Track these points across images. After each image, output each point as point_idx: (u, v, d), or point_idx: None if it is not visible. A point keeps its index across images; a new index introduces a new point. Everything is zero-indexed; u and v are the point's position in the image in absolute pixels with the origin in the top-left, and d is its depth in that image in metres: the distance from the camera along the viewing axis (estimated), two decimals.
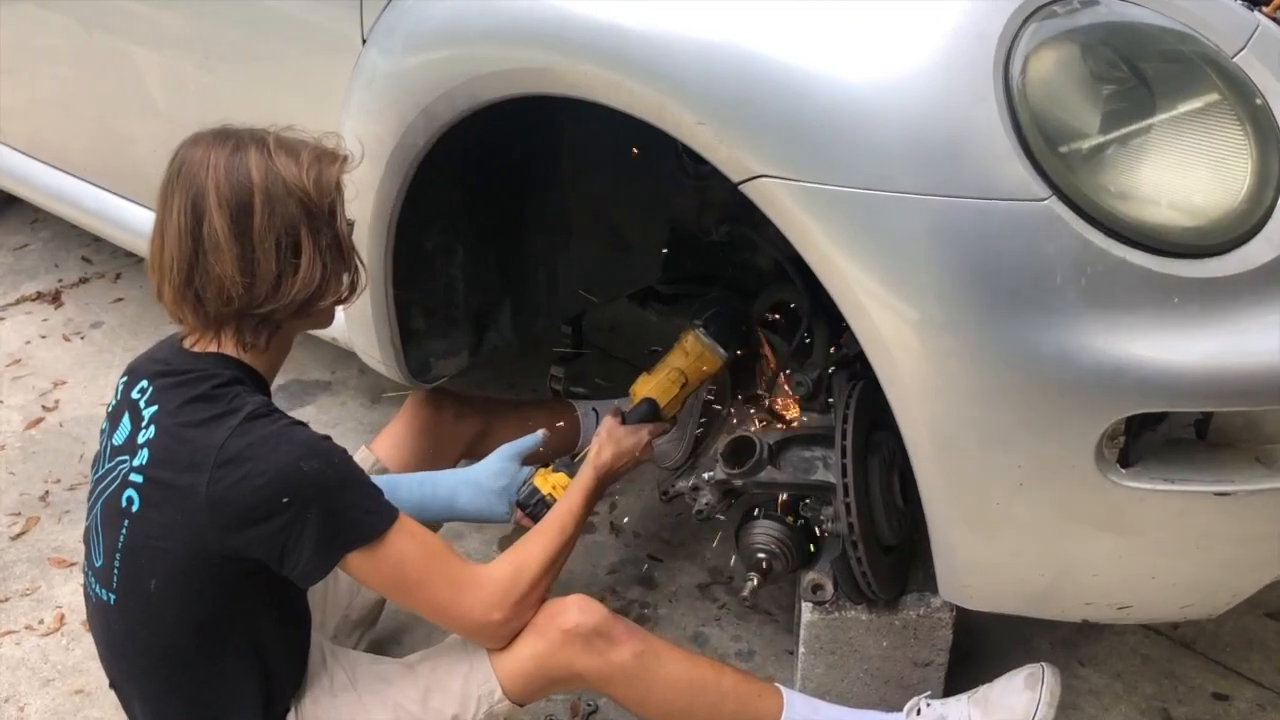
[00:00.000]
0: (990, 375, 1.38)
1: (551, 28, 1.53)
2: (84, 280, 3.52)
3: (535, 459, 2.08)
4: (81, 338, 3.23)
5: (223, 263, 1.51)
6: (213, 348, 1.59)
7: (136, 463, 1.56)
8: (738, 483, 1.90)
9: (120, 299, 3.42)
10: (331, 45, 1.91)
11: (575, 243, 2.17)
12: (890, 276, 1.38)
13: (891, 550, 1.90)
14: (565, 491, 1.89)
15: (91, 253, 3.62)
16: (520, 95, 1.63)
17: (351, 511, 1.54)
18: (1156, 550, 1.46)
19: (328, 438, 1.57)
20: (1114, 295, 1.34)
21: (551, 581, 1.75)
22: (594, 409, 2.45)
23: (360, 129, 1.85)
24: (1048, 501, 1.44)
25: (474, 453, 2.26)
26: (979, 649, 2.10)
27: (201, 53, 2.25)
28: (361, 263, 1.64)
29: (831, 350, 1.97)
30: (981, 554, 1.51)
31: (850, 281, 1.41)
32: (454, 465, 2.24)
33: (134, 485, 1.55)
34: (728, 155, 1.43)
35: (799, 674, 2.00)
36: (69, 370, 3.08)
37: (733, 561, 2.34)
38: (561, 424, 2.39)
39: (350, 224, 1.62)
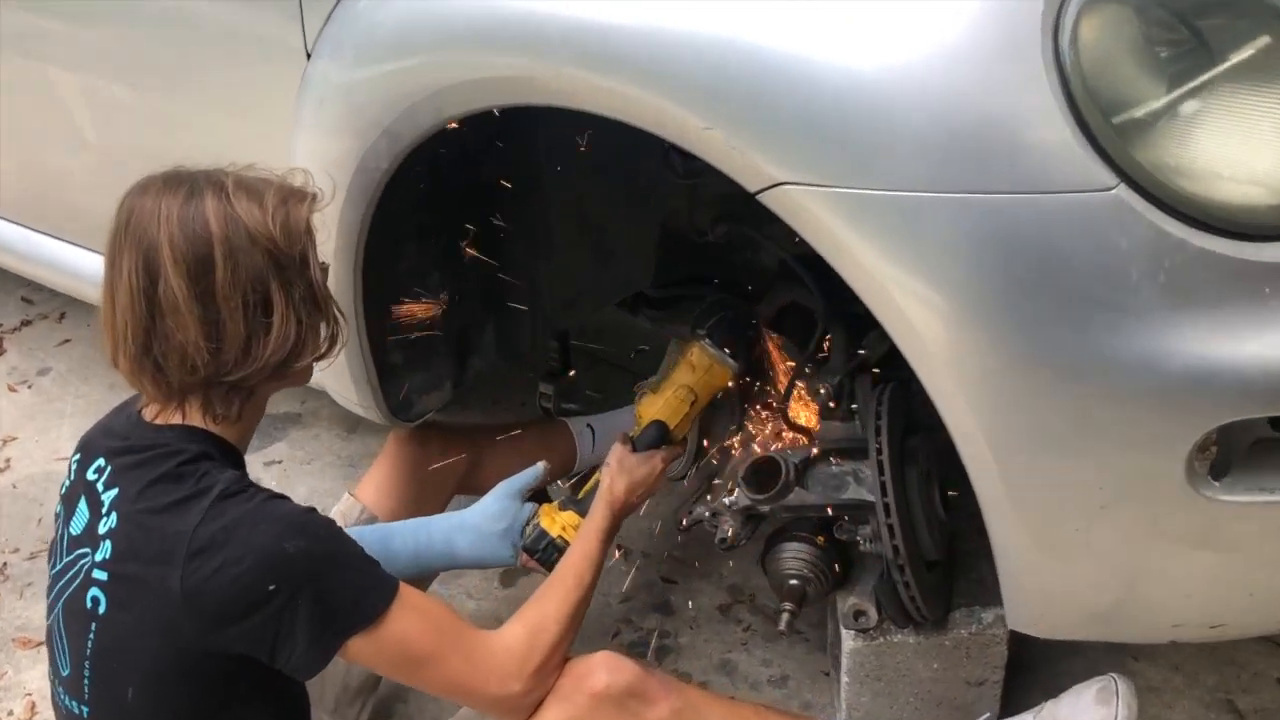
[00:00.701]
0: (1063, 389, 1.22)
1: (529, 29, 1.34)
2: (26, 323, 3.29)
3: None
4: (29, 386, 3.01)
5: (184, 327, 1.33)
6: (176, 419, 1.41)
7: (99, 557, 1.38)
8: (764, 509, 1.74)
9: (67, 340, 3.20)
10: (275, 58, 1.71)
11: (559, 252, 1.99)
12: (940, 287, 1.22)
13: (935, 565, 1.75)
14: (578, 533, 1.72)
15: (31, 292, 3.38)
16: (494, 107, 1.45)
17: (346, 591, 1.38)
18: (1255, 566, 1.30)
19: (312, 510, 1.40)
20: (1197, 290, 1.17)
21: (573, 639, 1.59)
22: (589, 425, 2.28)
23: (315, 153, 1.66)
24: (1133, 522, 1.28)
25: (466, 487, 2.10)
26: (1029, 655, 1.96)
27: (131, 73, 2.03)
28: (340, 313, 1.46)
29: (852, 352, 1.81)
30: (1057, 581, 1.36)
31: (894, 294, 1.24)
32: (445, 503, 2.08)
33: (98, 584, 1.38)
34: (742, 163, 1.26)
35: (843, 704, 1.85)
36: (18, 424, 2.86)
37: (737, 569, 2.20)
38: (556, 446, 2.23)
39: (324, 269, 1.44)
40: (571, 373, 2.44)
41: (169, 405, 1.42)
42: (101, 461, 1.45)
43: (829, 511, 1.73)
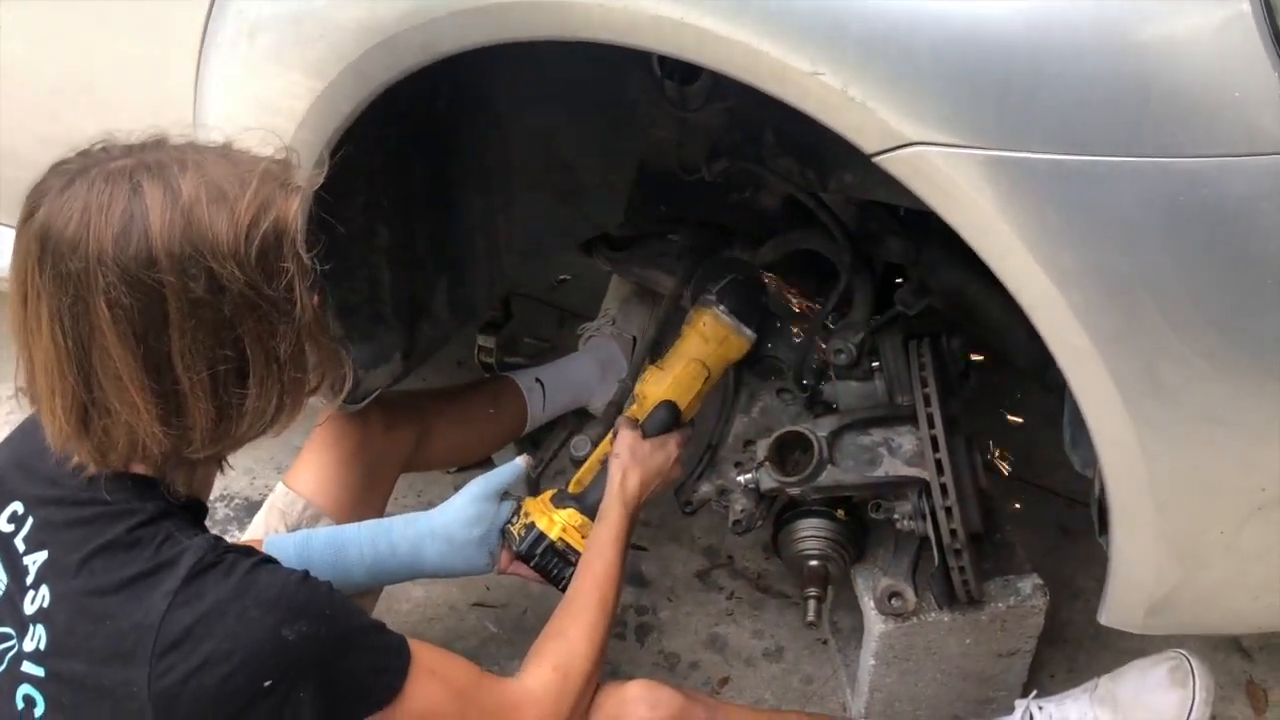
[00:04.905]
0: (1234, 383, 1.04)
1: None
2: None
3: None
4: None
5: (129, 404, 1.01)
6: (121, 469, 1.09)
7: (29, 646, 1.08)
8: (795, 491, 1.53)
9: None
10: None
11: (519, 196, 1.69)
12: (1113, 270, 1.01)
13: (974, 537, 1.58)
14: (591, 542, 1.48)
15: None
16: (504, 41, 1.14)
17: (356, 675, 1.13)
18: None
19: (307, 576, 1.11)
20: None
21: (601, 667, 1.36)
22: (538, 380, 2.03)
23: (241, 92, 1.32)
24: None
25: (414, 464, 1.84)
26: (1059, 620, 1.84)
27: None
28: (345, 346, 1.13)
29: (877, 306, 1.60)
30: (1184, 588, 1.20)
31: (1052, 277, 1.02)
32: (393, 485, 1.80)
33: (32, 680, 1.08)
34: (861, 117, 1.00)
35: (866, 687, 1.69)
36: None
37: (709, 528, 2.02)
38: (506, 408, 1.98)
39: (315, 284, 1.10)
40: (511, 321, 2.18)
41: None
42: (18, 508, 1.12)
43: (868, 493, 1.54)
